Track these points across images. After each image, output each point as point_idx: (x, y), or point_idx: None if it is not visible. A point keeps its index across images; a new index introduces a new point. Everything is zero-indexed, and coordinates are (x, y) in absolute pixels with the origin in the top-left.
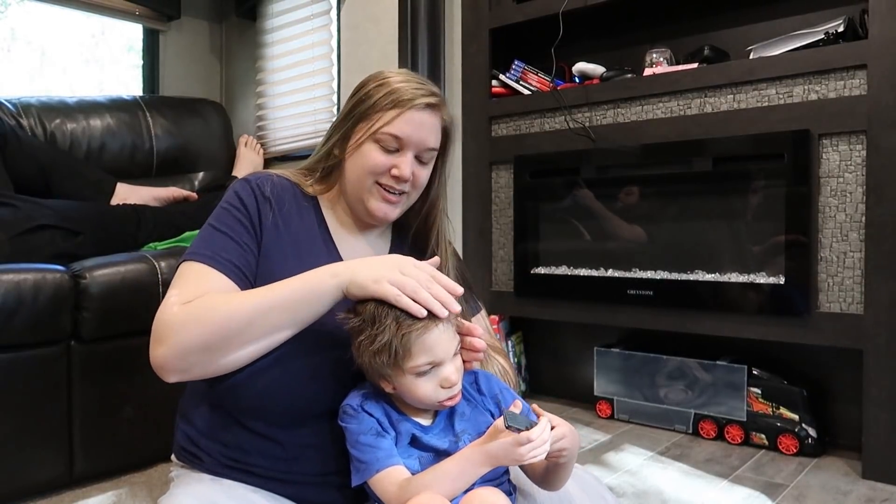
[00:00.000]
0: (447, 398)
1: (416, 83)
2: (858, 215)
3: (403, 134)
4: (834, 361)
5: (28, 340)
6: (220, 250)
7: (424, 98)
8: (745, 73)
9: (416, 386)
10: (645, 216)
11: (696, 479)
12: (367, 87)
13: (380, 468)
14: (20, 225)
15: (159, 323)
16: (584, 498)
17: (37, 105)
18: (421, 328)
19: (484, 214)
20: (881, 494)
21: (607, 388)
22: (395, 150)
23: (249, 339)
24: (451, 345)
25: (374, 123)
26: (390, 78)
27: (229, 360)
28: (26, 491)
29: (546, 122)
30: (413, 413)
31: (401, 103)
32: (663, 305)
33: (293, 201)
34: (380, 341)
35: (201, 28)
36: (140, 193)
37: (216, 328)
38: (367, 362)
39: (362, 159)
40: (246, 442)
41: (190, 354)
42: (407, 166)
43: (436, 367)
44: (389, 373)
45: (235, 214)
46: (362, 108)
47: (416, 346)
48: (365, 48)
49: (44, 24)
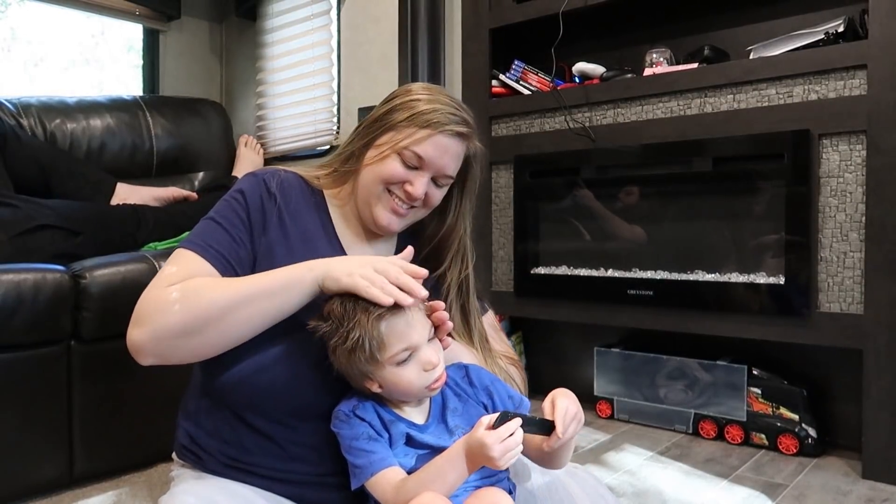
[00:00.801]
0: (433, 381)
1: (453, 108)
2: (858, 215)
3: (427, 155)
4: (834, 361)
5: (28, 340)
6: (213, 241)
7: (457, 126)
8: (745, 73)
9: (399, 376)
10: (645, 216)
11: (696, 479)
12: (402, 98)
13: (374, 471)
14: (20, 225)
15: (140, 305)
16: (583, 497)
17: (37, 105)
18: (388, 314)
19: (484, 214)
20: (881, 494)
21: (607, 388)
22: (414, 168)
23: (227, 327)
24: (425, 328)
25: (402, 138)
26: (428, 96)
27: (206, 346)
28: (26, 491)
29: (546, 122)
30: (406, 412)
31: (433, 125)
32: (663, 305)
33: (300, 196)
34: (353, 338)
35: (201, 28)
36: (140, 193)
37: (196, 312)
38: (346, 363)
39: (381, 167)
40: (247, 440)
41: (167, 338)
42: (421, 186)
43: (414, 353)
44: (370, 369)
45: (235, 208)
46: (394, 118)
47: (389, 334)
48: (365, 48)
49: (44, 24)
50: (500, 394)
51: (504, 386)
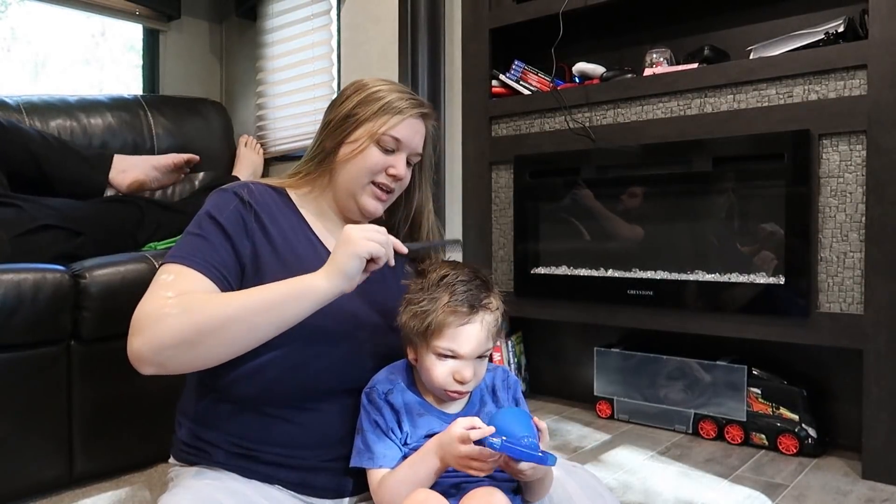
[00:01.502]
0: (454, 390)
1: (409, 94)
2: (858, 215)
3: (403, 137)
4: (834, 361)
5: (28, 340)
6: (197, 252)
7: (420, 108)
8: (745, 73)
9: (432, 364)
10: (645, 216)
11: (696, 479)
12: (364, 93)
13: (372, 466)
14: (22, 225)
15: (139, 315)
16: (582, 497)
17: (38, 103)
18: (463, 313)
19: (484, 214)
20: (881, 494)
21: (607, 388)
22: (391, 152)
23: (227, 339)
24: (481, 346)
25: (377, 126)
26: (388, 86)
27: (206, 356)
28: (26, 491)
29: (546, 122)
30: (438, 402)
31: (403, 111)
32: (663, 305)
33: (271, 201)
34: (422, 307)
35: (201, 28)
36: (139, 166)
37: (196, 324)
38: (405, 321)
39: (363, 159)
40: (252, 429)
41: (167, 348)
42: (402, 166)
43: (456, 358)
44: (416, 341)
45: (211, 220)
46: (363, 112)
47: (449, 328)
48: (365, 48)
49: (44, 24)
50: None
51: (524, 404)
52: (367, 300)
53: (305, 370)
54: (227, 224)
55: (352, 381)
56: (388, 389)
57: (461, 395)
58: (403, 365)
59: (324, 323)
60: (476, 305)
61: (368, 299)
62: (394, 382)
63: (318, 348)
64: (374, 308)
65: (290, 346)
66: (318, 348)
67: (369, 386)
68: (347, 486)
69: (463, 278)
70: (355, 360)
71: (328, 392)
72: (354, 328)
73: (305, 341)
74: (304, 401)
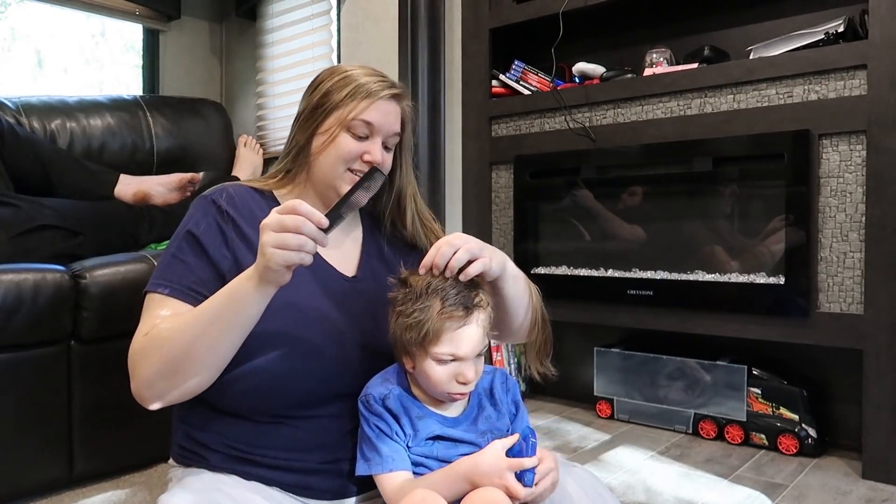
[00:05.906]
0: (458, 392)
1: (379, 76)
2: (858, 215)
3: (375, 120)
4: (834, 361)
5: (28, 340)
6: (173, 276)
7: (391, 90)
8: (745, 73)
9: (433, 370)
10: (645, 216)
11: (696, 479)
12: (332, 81)
13: (381, 471)
14: (21, 225)
15: (129, 357)
16: (583, 497)
17: (37, 104)
18: (457, 316)
19: (484, 214)
20: (881, 494)
21: (607, 388)
22: (365, 138)
23: (198, 358)
24: (479, 345)
25: (346, 113)
26: (356, 70)
27: (194, 380)
28: (26, 491)
29: (546, 122)
30: (436, 406)
31: (372, 94)
32: (663, 305)
33: (252, 203)
34: (415, 317)
35: (201, 28)
36: (145, 181)
37: (167, 355)
38: (397, 333)
39: (335, 149)
40: (250, 434)
41: (155, 383)
42: (378, 151)
43: (456, 361)
44: (413, 350)
45: (188, 238)
46: (333, 100)
47: (446, 333)
48: (365, 48)
49: (44, 24)
50: (522, 413)
51: (522, 407)
52: (350, 309)
53: (290, 381)
54: (203, 238)
55: (342, 388)
56: (385, 395)
57: (464, 396)
58: (396, 370)
59: (307, 334)
60: (469, 306)
61: (351, 308)
62: (389, 388)
63: (302, 359)
64: (357, 315)
65: (270, 357)
66: (302, 359)
67: (364, 393)
68: (349, 487)
69: (450, 282)
70: (341, 370)
71: (319, 400)
72: (339, 336)
73: (287, 353)
74: (294, 408)
